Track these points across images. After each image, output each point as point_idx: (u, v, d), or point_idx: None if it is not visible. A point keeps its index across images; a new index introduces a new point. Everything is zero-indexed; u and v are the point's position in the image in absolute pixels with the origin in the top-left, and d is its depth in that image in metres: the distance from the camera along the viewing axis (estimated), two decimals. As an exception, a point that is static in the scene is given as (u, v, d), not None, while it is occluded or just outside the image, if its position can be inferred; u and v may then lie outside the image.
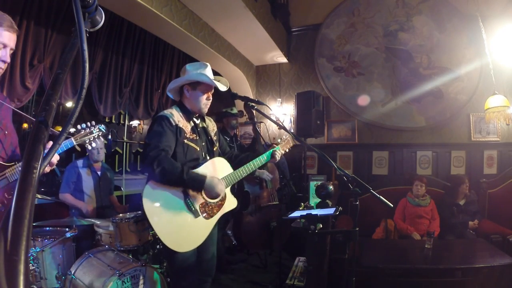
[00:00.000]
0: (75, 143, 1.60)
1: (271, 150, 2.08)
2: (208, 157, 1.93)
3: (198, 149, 1.89)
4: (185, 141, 1.83)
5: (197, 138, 1.90)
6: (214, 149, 2.01)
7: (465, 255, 2.85)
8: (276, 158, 2.07)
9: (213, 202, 1.85)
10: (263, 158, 2.03)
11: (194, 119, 1.95)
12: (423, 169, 4.64)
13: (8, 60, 1.36)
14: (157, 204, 1.70)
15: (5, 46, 1.34)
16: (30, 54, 2.85)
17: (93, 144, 1.68)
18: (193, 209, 1.76)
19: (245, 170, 1.95)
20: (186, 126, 1.87)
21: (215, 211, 1.86)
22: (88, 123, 1.69)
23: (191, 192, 1.77)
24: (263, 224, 3.51)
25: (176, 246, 1.72)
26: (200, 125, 1.99)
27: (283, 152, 2.14)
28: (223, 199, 1.91)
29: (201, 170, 1.82)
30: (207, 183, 1.74)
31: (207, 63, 1.95)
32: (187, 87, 1.89)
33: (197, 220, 1.78)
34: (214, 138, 2.05)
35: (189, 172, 1.71)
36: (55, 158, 1.39)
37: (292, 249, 3.96)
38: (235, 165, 2.00)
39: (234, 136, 3.73)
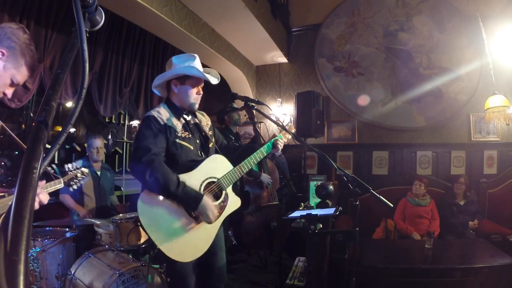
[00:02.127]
0: (63, 185, 1.55)
1: (272, 140, 1.94)
2: (203, 155, 1.80)
3: (193, 148, 1.75)
4: (177, 140, 1.69)
5: (190, 136, 1.76)
6: (210, 145, 1.88)
7: (465, 255, 2.85)
8: (278, 147, 1.92)
9: (215, 204, 1.74)
10: (264, 150, 1.89)
11: (185, 116, 1.80)
12: (423, 169, 4.64)
13: (10, 97, 1.27)
14: (155, 215, 1.58)
15: (17, 84, 1.22)
16: (30, 54, 2.85)
17: (75, 187, 1.65)
18: (193, 214, 1.65)
19: (246, 165, 1.81)
20: (177, 124, 1.73)
21: (217, 213, 1.74)
22: (73, 165, 1.65)
23: None
24: (263, 224, 3.51)
25: (181, 257, 1.62)
26: (192, 122, 1.84)
27: (285, 140, 2.00)
28: (225, 200, 1.79)
29: (197, 172, 1.69)
30: (201, 205, 1.61)
31: (195, 55, 1.80)
32: (175, 82, 1.74)
33: (199, 226, 1.67)
34: (209, 133, 1.91)
35: (185, 188, 1.59)
36: (46, 197, 1.23)
37: (292, 249, 3.96)
38: (236, 157, 1.88)
39: (237, 134, 3.68)
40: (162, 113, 1.70)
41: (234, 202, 1.85)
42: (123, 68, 3.91)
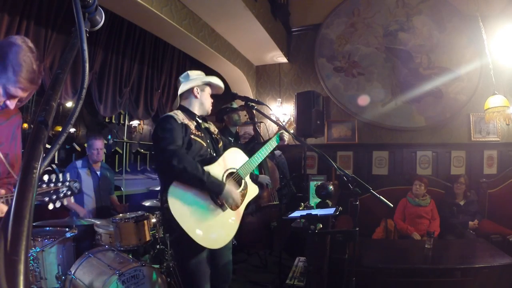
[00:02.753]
0: None
1: (278, 133, 2.14)
2: (214, 155, 1.96)
3: (205, 145, 1.91)
4: (192, 136, 1.84)
5: (202, 135, 1.94)
6: (219, 146, 2.05)
7: (465, 255, 2.85)
8: (284, 139, 2.15)
9: (237, 192, 1.90)
10: (273, 142, 2.10)
11: (197, 119, 2.00)
12: (423, 169, 4.64)
13: (12, 108, 1.21)
14: (184, 204, 1.69)
15: (15, 96, 1.17)
16: (30, 54, 2.85)
17: (57, 204, 1.27)
18: (219, 203, 1.79)
19: (259, 156, 2.02)
20: (191, 124, 1.91)
21: (240, 201, 1.91)
22: (56, 178, 1.27)
23: None
24: (263, 224, 3.51)
25: (210, 243, 1.72)
26: (203, 126, 2.03)
27: (291, 131, 2.18)
28: (245, 188, 1.97)
29: (218, 164, 1.85)
30: (225, 191, 1.77)
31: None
32: (197, 88, 1.98)
33: (226, 213, 1.81)
34: (217, 136, 2.10)
35: (209, 176, 1.73)
36: (3, 208, 1.15)
37: (292, 249, 3.96)
38: (247, 153, 2.06)
39: (236, 134, 3.67)
40: (178, 114, 1.90)
41: (253, 189, 2.04)
42: (123, 68, 3.91)
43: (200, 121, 2.03)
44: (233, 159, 1.96)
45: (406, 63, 4.79)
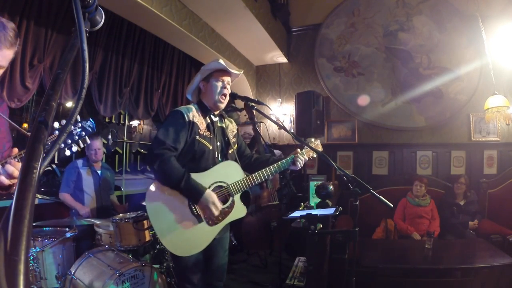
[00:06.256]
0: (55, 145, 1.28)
1: (292, 156, 1.90)
2: (220, 158, 1.85)
3: (211, 148, 1.79)
4: (197, 137, 1.75)
5: (211, 136, 1.82)
6: (230, 151, 1.91)
7: (465, 255, 2.85)
8: (297, 165, 1.88)
9: (219, 205, 1.75)
10: (282, 165, 1.87)
11: (212, 117, 1.87)
12: (423, 169, 4.64)
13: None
14: (160, 206, 1.66)
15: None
16: (30, 54, 2.85)
17: (74, 149, 1.39)
18: (195, 213, 1.69)
19: (259, 176, 1.82)
20: (201, 123, 1.80)
21: (220, 218, 1.76)
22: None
23: None
24: (263, 224, 3.51)
25: (176, 250, 1.67)
26: (218, 124, 1.90)
27: (307, 158, 1.94)
28: (231, 207, 1.81)
29: (209, 174, 1.75)
30: (204, 198, 1.65)
31: (219, 59, 1.91)
32: (202, 82, 1.87)
33: (200, 225, 1.70)
34: (233, 140, 1.96)
35: (188, 181, 1.63)
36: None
37: (292, 249, 3.96)
38: (254, 168, 1.90)
39: None
40: (190, 110, 1.80)
41: (239, 211, 1.84)
42: (123, 68, 3.91)
43: (216, 119, 1.88)
44: (229, 172, 1.79)
45: (406, 63, 4.79)
